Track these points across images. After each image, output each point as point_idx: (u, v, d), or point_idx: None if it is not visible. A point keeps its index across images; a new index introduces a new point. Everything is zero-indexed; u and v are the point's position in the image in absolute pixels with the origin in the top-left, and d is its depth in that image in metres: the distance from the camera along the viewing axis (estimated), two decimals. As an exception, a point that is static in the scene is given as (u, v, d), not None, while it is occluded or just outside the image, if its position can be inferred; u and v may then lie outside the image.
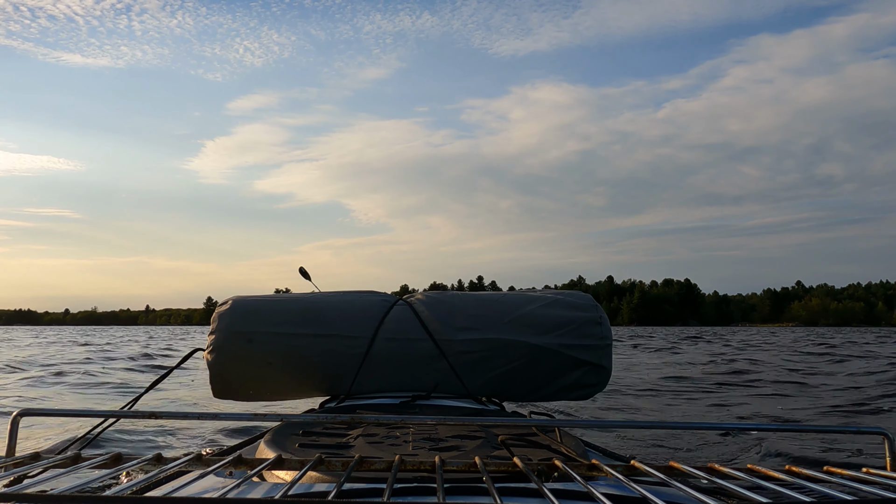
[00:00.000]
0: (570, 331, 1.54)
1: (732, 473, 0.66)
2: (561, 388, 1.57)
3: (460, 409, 1.38)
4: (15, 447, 0.73)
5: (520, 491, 0.65)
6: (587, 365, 1.53)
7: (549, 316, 1.56)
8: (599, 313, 1.58)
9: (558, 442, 0.94)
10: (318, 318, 1.54)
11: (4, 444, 0.72)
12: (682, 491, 0.58)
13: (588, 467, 0.70)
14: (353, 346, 1.51)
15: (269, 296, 1.63)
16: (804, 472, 0.66)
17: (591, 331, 1.54)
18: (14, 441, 0.74)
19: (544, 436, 0.99)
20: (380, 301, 1.63)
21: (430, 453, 0.83)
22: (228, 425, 3.26)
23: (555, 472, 0.70)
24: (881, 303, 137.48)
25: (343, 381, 1.52)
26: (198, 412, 0.86)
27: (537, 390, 1.58)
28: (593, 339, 1.54)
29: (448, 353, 1.52)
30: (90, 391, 6.05)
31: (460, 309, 1.59)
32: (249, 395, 1.57)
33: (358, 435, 0.96)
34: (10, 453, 0.71)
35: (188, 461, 0.67)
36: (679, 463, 0.69)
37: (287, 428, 1.00)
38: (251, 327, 1.49)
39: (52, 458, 0.65)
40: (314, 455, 0.70)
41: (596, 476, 0.70)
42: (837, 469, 0.67)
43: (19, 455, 0.67)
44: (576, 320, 1.55)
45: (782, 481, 0.63)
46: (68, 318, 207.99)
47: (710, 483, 0.64)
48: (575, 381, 1.55)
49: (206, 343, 1.52)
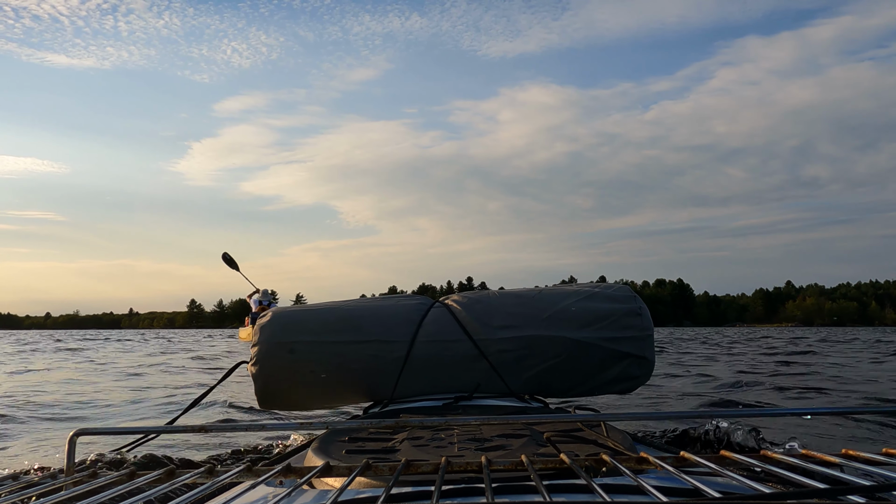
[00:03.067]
0: (611, 323, 1.52)
1: (785, 460, 0.64)
2: (604, 381, 1.55)
3: (503, 408, 1.37)
4: (73, 466, 0.75)
5: (569, 487, 0.64)
6: (630, 357, 1.52)
7: (589, 309, 1.54)
8: (639, 304, 1.56)
9: (605, 436, 0.93)
10: (358, 325, 1.55)
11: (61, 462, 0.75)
12: (735, 480, 0.57)
13: (637, 460, 0.69)
14: (393, 350, 1.52)
15: (308, 305, 1.66)
16: (862, 454, 0.64)
17: (632, 322, 1.53)
18: (72, 460, 0.76)
19: (590, 431, 0.98)
20: (417, 305, 1.64)
21: (476, 454, 0.83)
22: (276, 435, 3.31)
23: (603, 467, 0.70)
24: (874, 302, 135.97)
25: (385, 386, 1.53)
26: (246, 424, 0.88)
27: (580, 385, 1.57)
28: (634, 330, 1.52)
29: (488, 352, 1.52)
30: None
31: (497, 308, 1.58)
32: (294, 405, 1.59)
33: (403, 439, 0.96)
34: (70, 472, 0.73)
35: (239, 472, 0.69)
36: (730, 451, 0.68)
37: (333, 435, 1.01)
38: (292, 337, 1.51)
39: (109, 475, 0.67)
40: (361, 461, 0.71)
41: (645, 469, 0.69)
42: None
43: (77, 474, 0.69)
44: (615, 312, 1.53)
45: (839, 465, 0.62)
46: (49, 322, 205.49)
47: (764, 470, 0.63)
48: (618, 374, 1.53)
49: (249, 356, 1.55)
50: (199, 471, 0.69)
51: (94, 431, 0.84)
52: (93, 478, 0.67)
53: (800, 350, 12.53)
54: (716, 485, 0.61)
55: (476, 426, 1.04)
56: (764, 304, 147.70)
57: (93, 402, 4.83)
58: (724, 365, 8.35)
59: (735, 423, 2.62)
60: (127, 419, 4.14)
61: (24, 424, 3.88)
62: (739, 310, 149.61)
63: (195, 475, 0.68)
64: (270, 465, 0.73)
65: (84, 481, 0.66)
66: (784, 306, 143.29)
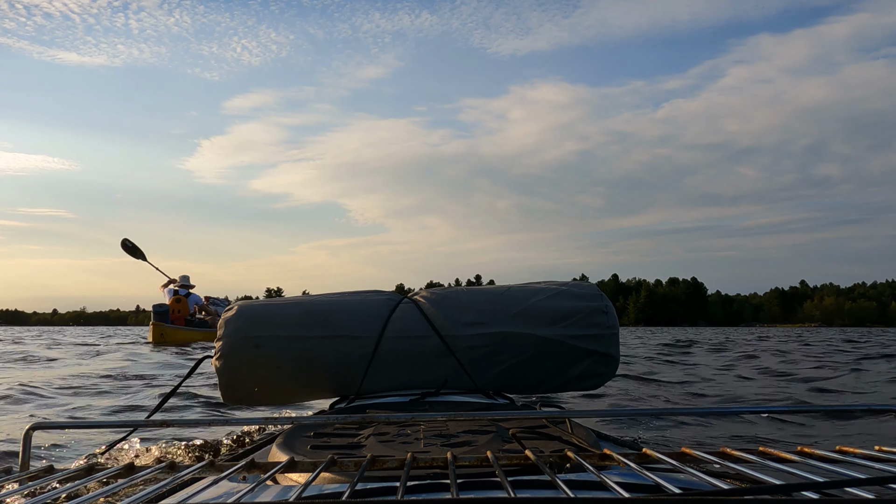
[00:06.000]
0: (577, 321, 1.54)
1: (744, 457, 0.66)
2: (570, 378, 1.57)
3: (470, 404, 1.38)
4: (28, 461, 0.73)
5: (533, 483, 0.65)
6: (595, 354, 1.54)
7: (555, 307, 1.56)
8: (605, 302, 1.58)
9: (569, 433, 0.94)
10: (324, 319, 1.54)
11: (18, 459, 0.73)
12: (695, 476, 0.58)
13: (600, 457, 0.70)
14: (360, 346, 1.51)
15: (275, 300, 1.64)
16: (816, 452, 0.66)
17: (598, 320, 1.54)
18: (27, 455, 0.74)
19: (555, 427, 0.99)
20: (385, 300, 1.63)
21: (441, 449, 0.84)
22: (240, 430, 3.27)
23: (567, 463, 0.70)
24: (893, 302, 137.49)
25: (352, 381, 1.52)
26: (209, 418, 0.87)
27: (546, 382, 1.58)
28: (600, 328, 1.54)
29: (455, 348, 1.53)
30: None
31: (465, 304, 1.59)
32: (259, 400, 1.57)
33: (369, 434, 0.96)
34: (25, 467, 0.71)
35: (201, 468, 0.68)
36: (691, 448, 0.69)
37: (298, 430, 1.01)
38: (258, 332, 1.50)
39: (65, 471, 0.65)
40: (326, 456, 0.70)
41: (608, 465, 0.70)
42: (850, 448, 0.67)
43: (33, 469, 0.68)
44: (582, 310, 1.55)
45: (795, 462, 0.63)
46: (56, 319, 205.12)
47: (723, 467, 0.64)
48: (583, 371, 1.55)
49: (213, 350, 1.52)
50: (159, 466, 0.68)
51: (51, 425, 0.82)
52: (49, 473, 0.66)
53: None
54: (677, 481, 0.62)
55: (442, 422, 1.04)
56: (780, 304, 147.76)
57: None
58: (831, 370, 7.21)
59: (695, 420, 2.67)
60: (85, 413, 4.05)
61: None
62: (754, 309, 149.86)
63: (155, 471, 0.67)
64: (233, 460, 0.72)
65: (40, 476, 0.65)
66: (801, 306, 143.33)
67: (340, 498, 0.54)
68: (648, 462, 0.68)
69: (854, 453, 0.66)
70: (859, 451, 0.66)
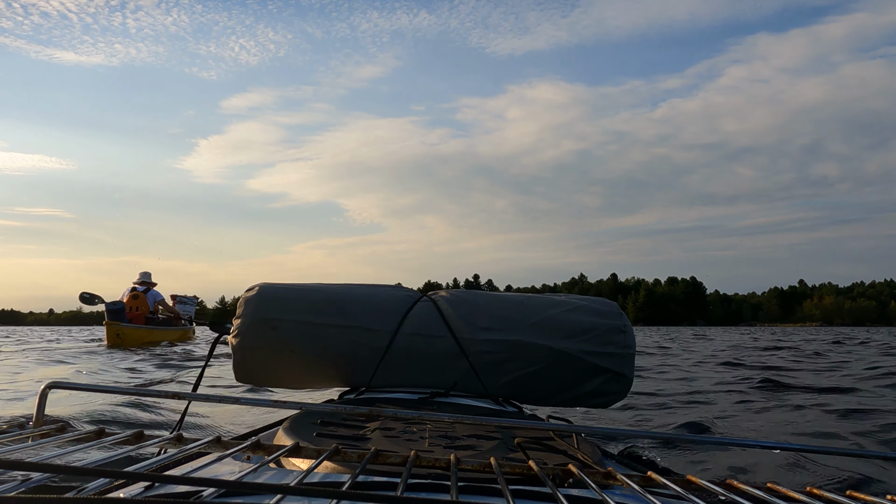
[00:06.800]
0: (593, 337, 1.52)
1: (751, 492, 0.64)
2: (581, 394, 1.55)
3: (478, 408, 1.37)
4: (42, 419, 0.75)
5: (533, 494, 0.65)
6: (609, 373, 1.52)
7: (573, 321, 1.54)
8: (624, 321, 1.56)
9: (575, 448, 0.93)
10: (343, 309, 1.54)
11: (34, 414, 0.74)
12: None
13: (604, 475, 0.69)
14: (375, 339, 1.52)
15: (296, 284, 1.64)
16: (826, 495, 0.65)
17: (615, 339, 1.53)
18: (42, 413, 0.76)
19: (561, 441, 0.98)
20: (404, 296, 1.63)
21: (445, 451, 0.83)
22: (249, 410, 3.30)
23: (570, 478, 0.70)
24: (892, 301, 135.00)
25: (363, 373, 1.53)
26: (219, 395, 0.88)
27: (556, 395, 1.57)
28: (616, 346, 1.52)
29: (469, 351, 1.52)
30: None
31: (484, 309, 1.58)
32: (271, 382, 1.59)
33: (375, 428, 0.96)
34: (38, 424, 0.73)
35: (207, 443, 0.68)
36: (697, 477, 0.68)
37: (306, 416, 1.01)
38: (276, 314, 1.51)
39: (76, 431, 0.66)
40: (331, 445, 0.71)
41: (611, 485, 0.69)
42: (861, 495, 0.65)
43: (46, 427, 0.69)
44: (599, 327, 1.53)
45: (802, 503, 0.62)
46: (52, 319, 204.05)
47: (728, 500, 0.63)
48: (595, 388, 1.54)
49: (231, 328, 1.54)
50: (167, 437, 0.69)
51: (67, 385, 0.84)
52: (61, 432, 0.67)
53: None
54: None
55: (449, 424, 1.04)
56: (779, 303, 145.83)
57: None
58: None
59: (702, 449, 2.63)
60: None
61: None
62: (752, 309, 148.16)
63: (163, 441, 0.68)
64: (239, 439, 0.73)
65: (52, 434, 0.66)
66: (800, 305, 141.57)
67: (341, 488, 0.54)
68: (652, 486, 0.67)
69: (864, 500, 0.64)
70: (871, 499, 0.64)
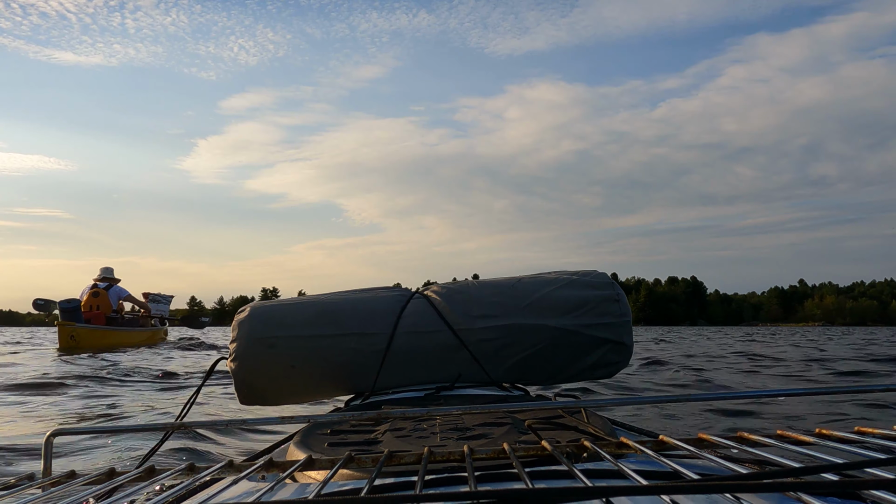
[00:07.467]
0: (589, 310, 1.53)
1: (763, 441, 0.65)
2: (584, 368, 1.56)
3: (485, 397, 1.38)
4: (51, 467, 0.74)
5: (550, 473, 0.65)
6: (608, 343, 1.53)
7: (567, 297, 1.55)
8: (617, 291, 1.57)
9: (585, 422, 0.94)
10: (337, 318, 1.54)
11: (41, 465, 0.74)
12: (713, 462, 0.58)
13: (617, 445, 0.70)
14: (373, 343, 1.52)
15: (286, 300, 1.64)
16: (835, 434, 0.66)
17: (610, 308, 1.54)
18: (49, 461, 0.75)
19: (571, 417, 0.99)
20: (396, 296, 1.63)
21: (458, 443, 0.84)
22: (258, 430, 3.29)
23: (584, 453, 0.70)
24: (894, 301, 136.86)
25: (366, 378, 1.53)
26: (226, 420, 0.87)
27: (560, 372, 1.58)
28: (612, 316, 1.53)
29: (468, 342, 1.53)
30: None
31: (476, 297, 1.59)
32: (275, 400, 1.58)
33: (385, 430, 0.96)
34: (47, 473, 0.72)
35: (220, 468, 0.68)
36: (708, 434, 0.69)
37: (315, 429, 1.01)
38: (271, 332, 1.50)
39: (87, 475, 0.66)
40: (344, 453, 0.71)
41: (625, 454, 0.69)
42: (869, 429, 0.67)
43: (55, 475, 0.68)
44: (594, 299, 1.54)
45: (813, 445, 0.63)
46: (51, 320, 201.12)
47: (741, 452, 0.64)
48: (597, 360, 1.55)
49: (228, 352, 1.53)
50: (179, 468, 0.68)
51: (71, 431, 0.83)
52: (71, 478, 0.66)
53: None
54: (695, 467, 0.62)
55: (458, 416, 1.04)
56: (780, 303, 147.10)
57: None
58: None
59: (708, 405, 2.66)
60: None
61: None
62: (753, 308, 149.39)
63: (175, 473, 0.67)
64: (252, 460, 0.73)
65: (62, 482, 0.65)
66: (801, 305, 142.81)
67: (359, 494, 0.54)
68: (665, 449, 0.68)
69: (873, 433, 0.65)
70: (878, 432, 0.65)
